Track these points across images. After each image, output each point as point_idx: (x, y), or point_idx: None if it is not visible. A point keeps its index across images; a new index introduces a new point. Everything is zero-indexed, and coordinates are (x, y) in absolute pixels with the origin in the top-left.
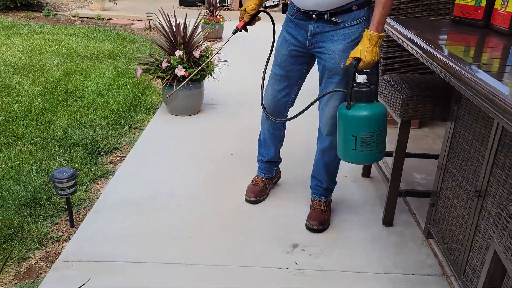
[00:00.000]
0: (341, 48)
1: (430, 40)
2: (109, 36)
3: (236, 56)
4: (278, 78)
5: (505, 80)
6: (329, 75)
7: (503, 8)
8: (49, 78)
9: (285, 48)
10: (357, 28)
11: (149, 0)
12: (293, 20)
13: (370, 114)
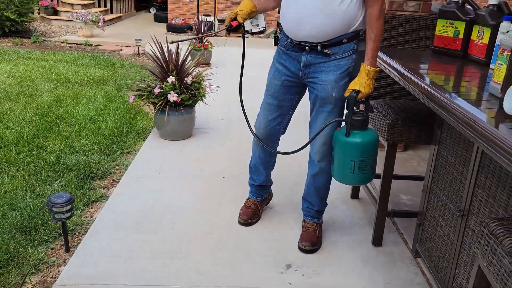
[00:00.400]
0: (333, 79)
1: (413, 69)
2: (98, 62)
3: (226, 81)
4: (271, 107)
5: (483, 107)
6: (321, 104)
7: (479, 39)
8: (40, 104)
9: (278, 78)
10: (348, 60)
11: (138, 26)
12: (286, 51)
13: (368, 140)
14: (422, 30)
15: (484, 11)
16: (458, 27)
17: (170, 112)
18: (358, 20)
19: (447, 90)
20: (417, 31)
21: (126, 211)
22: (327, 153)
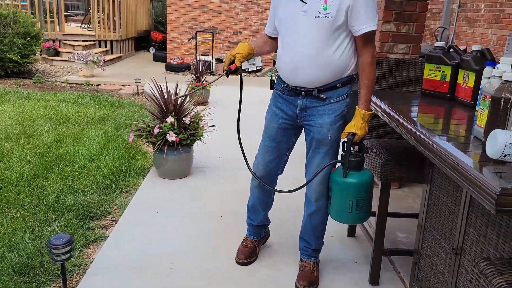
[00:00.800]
0: (329, 122)
1: (403, 112)
2: (98, 102)
3: (224, 120)
4: (269, 149)
5: (469, 150)
6: (317, 146)
7: (464, 83)
8: (40, 144)
9: (275, 121)
10: (342, 104)
11: (137, 66)
12: (282, 95)
13: (365, 180)
14: (412, 72)
15: (469, 57)
16: (445, 71)
17: (169, 151)
18: (351, 67)
19: (435, 134)
20: (407, 73)
21: (124, 252)
22: (323, 193)
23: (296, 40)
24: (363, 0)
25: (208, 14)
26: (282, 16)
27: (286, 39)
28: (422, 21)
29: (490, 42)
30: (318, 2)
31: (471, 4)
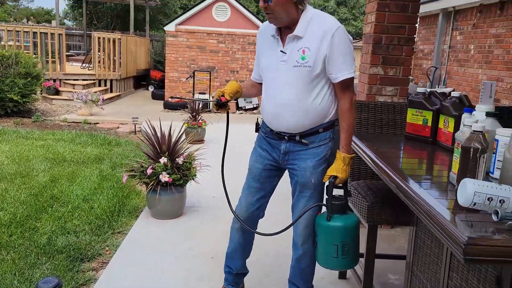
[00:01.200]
0: (311, 165)
1: (386, 158)
2: (95, 141)
3: (218, 158)
4: (253, 190)
5: (446, 198)
6: (301, 189)
7: (445, 128)
8: (35, 184)
9: (260, 162)
10: (324, 148)
11: (136, 104)
12: (266, 138)
13: (349, 224)
14: (397, 115)
15: (448, 103)
16: (426, 116)
17: (162, 191)
18: (332, 113)
19: (414, 181)
20: (392, 116)
21: None
22: (309, 236)
23: (277, 88)
24: (339, 50)
25: (206, 54)
26: (264, 65)
27: (269, 87)
28: (408, 65)
29: (480, 82)
30: (296, 52)
31: (461, 45)
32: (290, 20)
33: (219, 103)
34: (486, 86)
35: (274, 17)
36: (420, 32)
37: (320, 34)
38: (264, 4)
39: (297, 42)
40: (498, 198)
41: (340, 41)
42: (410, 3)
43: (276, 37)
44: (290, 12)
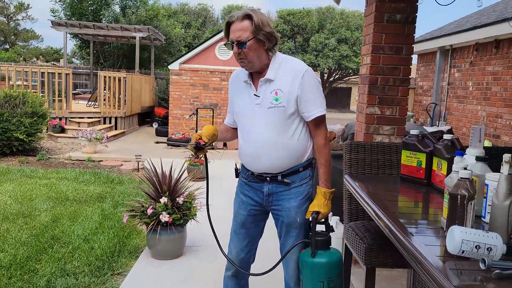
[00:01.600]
0: (296, 205)
1: (380, 201)
2: (98, 179)
3: (218, 196)
4: (240, 236)
5: (437, 245)
6: (288, 230)
7: (439, 170)
8: (37, 224)
9: (244, 208)
10: (306, 186)
11: (139, 141)
12: (248, 183)
13: (333, 260)
14: (393, 155)
15: (440, 145)
16: (420, 158)
17: (162, 231)
18: (309, 151)
19: (407, 227)
20: (388, 156)
21: None
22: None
23: (255, 130)
24: (309, 89)
25: (209, 91)
26: (239, 110)
27: (245, 130)
28: (404, 105)
29: (480, 118)
30: (269, 94)
31: (459, 82)
32: (261, 65)
33: (198, 146)
34: (475, 130)
35: (247, 62)
36: (419, 69)
37: (290, 76)
38: (238, 50)
39: (269, 85)
40: (485, 246)
41: (310, 81)
42: (404, 46)
43: (248, 82)
44: (262, 57)
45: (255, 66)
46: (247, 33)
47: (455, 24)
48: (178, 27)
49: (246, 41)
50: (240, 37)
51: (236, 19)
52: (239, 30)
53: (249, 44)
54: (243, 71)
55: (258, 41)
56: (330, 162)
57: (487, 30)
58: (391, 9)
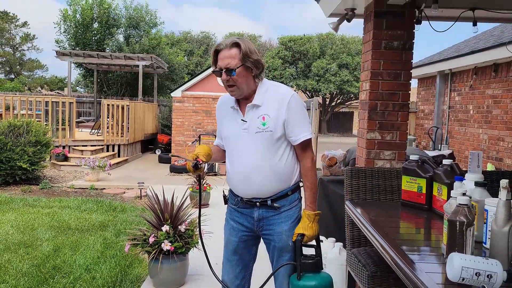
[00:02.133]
0: (287, 228)
1: (381, 227)
2: (101, 207)
3: (221, 223)
4: (233, 263)
5: (438, 272)
6: (280, 254)
7: (439, 195)
8: (38, 254)
9: (235, 235)
10: (295, 209)
11: (142, 168)
12: (237, 209)
13: (321, 283)
14: (394, 181)
15: (440, 171)
16: (421, 183)
17: (164, 260)
18: (296, 174)
19: (407, 252)
20: (389, 182)
21: None
22: None
23: (242, 155)
24: (296, 114)
25: (211, 117)
26: (226, 135)
27: (234, 154)
28: (404, 130)
29: (482, 141)
30: (256, 119)
31: (460, 105)
32: (249, 91)
33: (197, 165)
34: (474, 156)
35: (235, 89)
36: (419, 93)
37: (277, 102)
38: (227, 77)
39: (256, 110)
40: (485, 273)
41: (296, 105)
42: (402, 72)
43: (235, 108)
44: (250, 84)
45: (243, 93)
46: (236, 61)
47: (454, 48)
48: (181, 55)
49: (235, 68)
50: (229, 64)
51: (224, 47)
52: (227, 58)
53: (238, 71)
54: (230, 97)
55: (246, 68)
56: (316, 184)
57: (485, 54)
58: (388, 36)
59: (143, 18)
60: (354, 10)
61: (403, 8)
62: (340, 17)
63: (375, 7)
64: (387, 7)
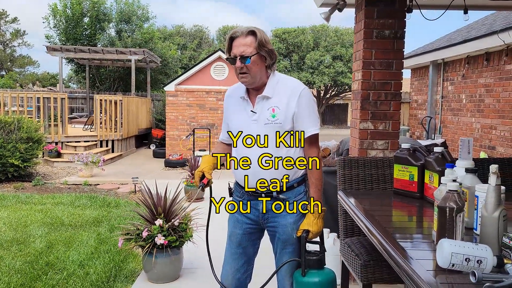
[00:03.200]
0: (292, 221)
1: (372, 216)
2: (94, 203)
3: (216, 217)
4: (236, 256)
5: (430, 258)
6: (283, 246)
7: (431, 183)
8: (31, 251)
9: (239, 227)
10: (301, 202)
11: (137, 163)
12: (242, 201)
13: (325, 279)
14: (386, 170)
15: (431, 158)
16: (412, 171)
17: (158, 254)
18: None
19: (398, 240)
20: (382, 171)
21: None
22: None
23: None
24: (306, 108)
25: (205, 111)
26: (235, 125)
27: (242, 145)
28: (397, 119)
29: (475, 130)
30: (266, 111)
31: (453, 95)
32: (261, 81)
33: (203, 186)
34: (464, 142)
35: (247, 76)
36: (413, 83)
37: (287, 94)
38: (241, 64)
39: (266, 101)
40: (475, 259)
41: (307, 99)
42: (394, 61)
43: (245, 98)
44: (262, 73)
45: (256, 82)
46: (251, 49)
47: (446, 38)
48: (174, 49)
49: (250, 55)
50: (244, 51)
51: (240, 35)
52: (243, 45)
53: (252, 59)
54: (240, 87)
55: (260, 57)
56: (321, 181)
57: (477, 43)
58: (379, 26)
59: (135, 12)
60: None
61: None
62: (331, 7)
63: None
64: None
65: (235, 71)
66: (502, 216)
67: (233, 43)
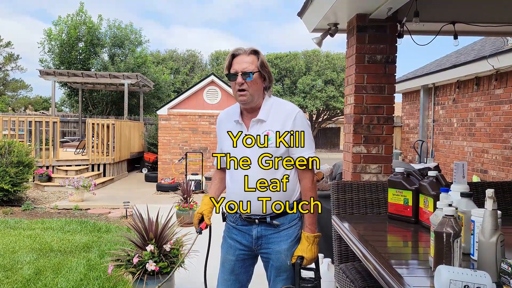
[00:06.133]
0: (286, 248)
1: (367, 241)
2: (85, 228)
3: (205, 244)
4: (229, 283)
5: (428, 286)
6: (277, 273)
7: (425, 208)
8: (19, 278)
9: (232, 253)
10: (295, 228)
11: (128, 187)
12: (236, 226)
13: None
14: (380, 194)
15: (426, 182)
16: (407, 196)
17: (148, 281)
18: (297, 192)
19: (394, 266)
20: (376, 195)
21: None
22: None
23: (244, 170)
24: (301, 131)
25: (198, 135)
26: (228, 150)
27: (235, 170)
28: (390, 143)
29: (467, 154)
30: (261, 135)
31: (444, 119)
32: (257, 102)
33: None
34: (458, 166)
35: (247, 94)
36: (404, 107)
37: (282, 118)
38: (242, 80)
39: (261, 125)
40: (474, 286)
41: (302, 123)
42: (386, 85)
43: (240, 122)
44: (260, 93)
45: (253, 101)
46: (253, 66)
47: (436, 63)
48: (167, 73)
49: (253, 72)
50: (246, 68)
51: (242, 52)
52: (245, 62)
53: (254, 76)
54: (233, 111)
55: (261, 76)
56: (316, 206)
57: (467, 68)
58: (371, 51)
59: (128, 36)
60: (337, 25)
61: (385, 22)
62: (323, 32)
63: (357, 21)
64: (369, 21)
65: (233, 89)
66: (500, 241)
67: (234, 60)
